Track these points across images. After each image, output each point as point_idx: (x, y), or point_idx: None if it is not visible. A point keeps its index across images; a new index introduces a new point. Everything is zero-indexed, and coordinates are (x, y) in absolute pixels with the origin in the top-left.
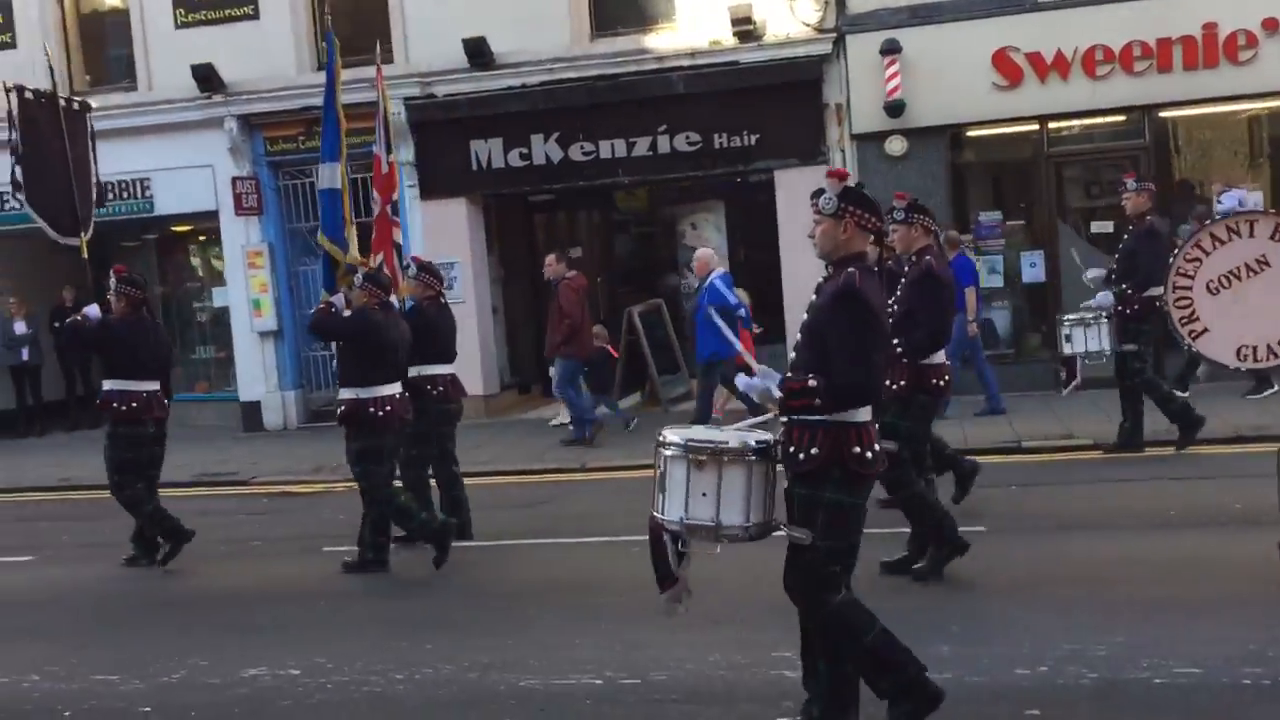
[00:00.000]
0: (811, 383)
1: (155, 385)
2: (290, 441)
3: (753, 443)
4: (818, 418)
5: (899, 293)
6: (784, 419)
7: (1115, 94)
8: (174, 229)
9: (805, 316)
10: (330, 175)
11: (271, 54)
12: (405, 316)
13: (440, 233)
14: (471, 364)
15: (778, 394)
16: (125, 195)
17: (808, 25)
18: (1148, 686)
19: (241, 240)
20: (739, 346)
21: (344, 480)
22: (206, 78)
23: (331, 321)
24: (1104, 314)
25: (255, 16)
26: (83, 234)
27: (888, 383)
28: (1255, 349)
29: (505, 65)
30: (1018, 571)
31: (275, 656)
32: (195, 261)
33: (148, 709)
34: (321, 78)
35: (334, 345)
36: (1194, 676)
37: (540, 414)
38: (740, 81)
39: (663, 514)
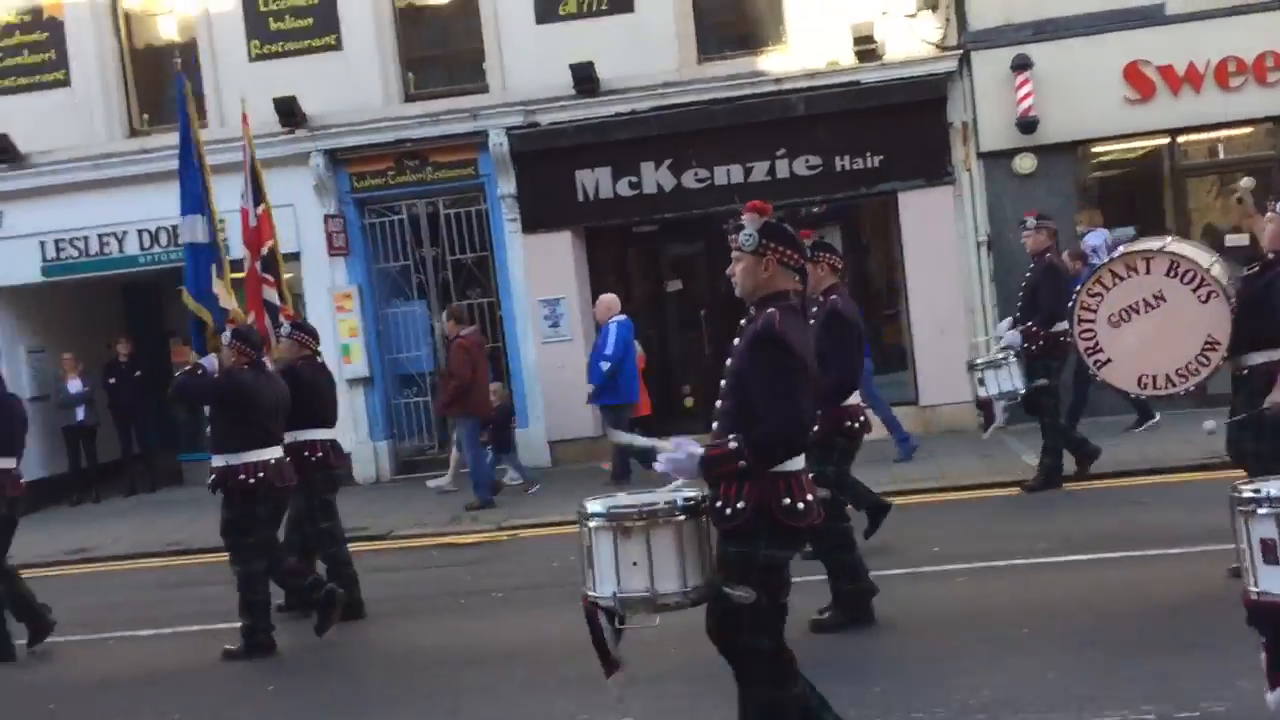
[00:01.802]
0: (732, 444)
1: (11, 463)
2: (392, 493)
3: (680, 501)
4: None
5: None
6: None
7: (1248, 106)
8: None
9: (728, 361)
10: (192, 229)
11: (356, 86)
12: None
13: (543, 268)
14: (578, 405)
15: (693, 468)
16: None
17: (930, 43)
18: None
19: (327, 282)
20: None
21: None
22: (289, 111)
23: (196, 383)
24: (1013, 353)
25: (338, 47)
26: None
27: None
28: (1155, 378)
29: (612, 91)
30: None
31: None
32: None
33: None
34: (411, 109)
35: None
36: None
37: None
38: (861, 102)
39: (595, 591)
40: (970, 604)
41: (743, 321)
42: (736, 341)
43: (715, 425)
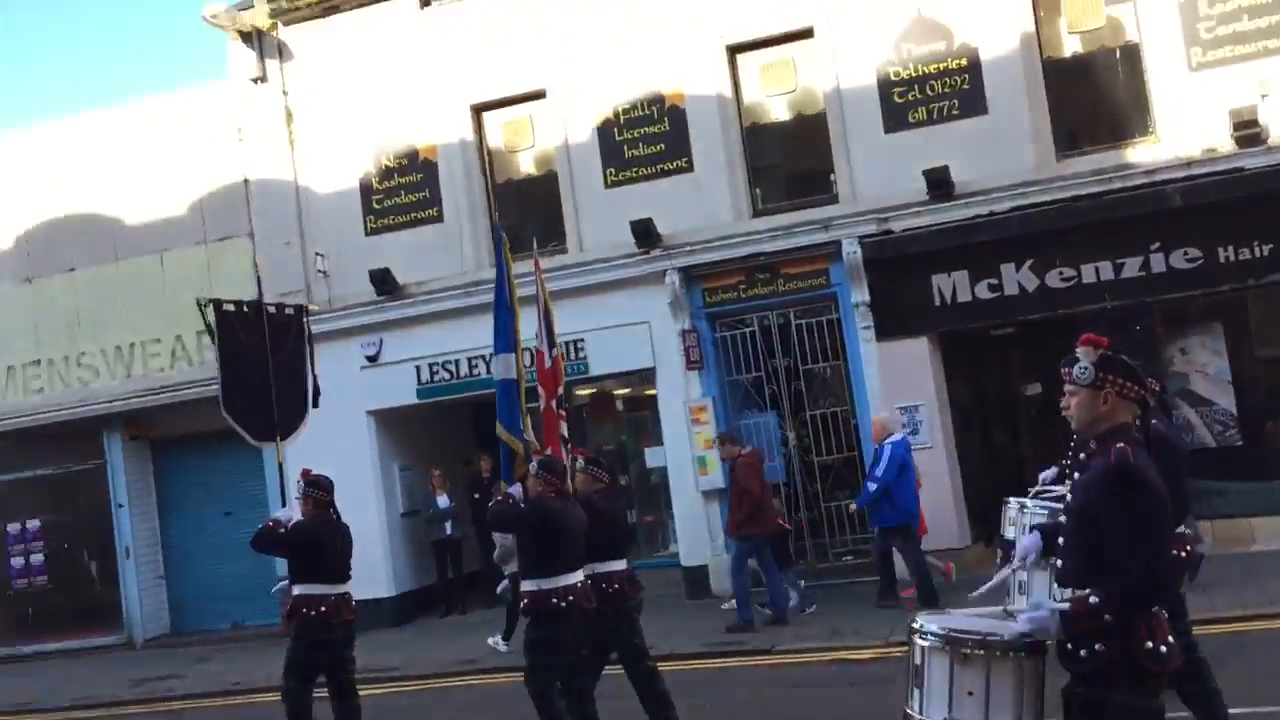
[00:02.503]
0: (1093, 600)
1: (344, 588)
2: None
3: (1024, 636)
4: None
5: None
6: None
7: None
8: (603, 388)
9: (1069, 497)
10: (505, 366)
11: (707, 204)
12: None
13: (898, 375)
14: (944, 515)
15: (1056, 628)
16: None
17: None
18: None
19: (682, 396)
20: None
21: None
22: (645, 233)
23: (510, 511)
24: None
25: (689, 169)
26: (279, 439)
27: None
28: None
29: (967, 194)
30: None
31: None
32: (622, 421)
33: None
34: (762, 224)
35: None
36: None
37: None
38: (1246, 189)
39: (920, 713)
40: None
41: (1081, 455)
42: (1077, 475)
43: (1061, 563)
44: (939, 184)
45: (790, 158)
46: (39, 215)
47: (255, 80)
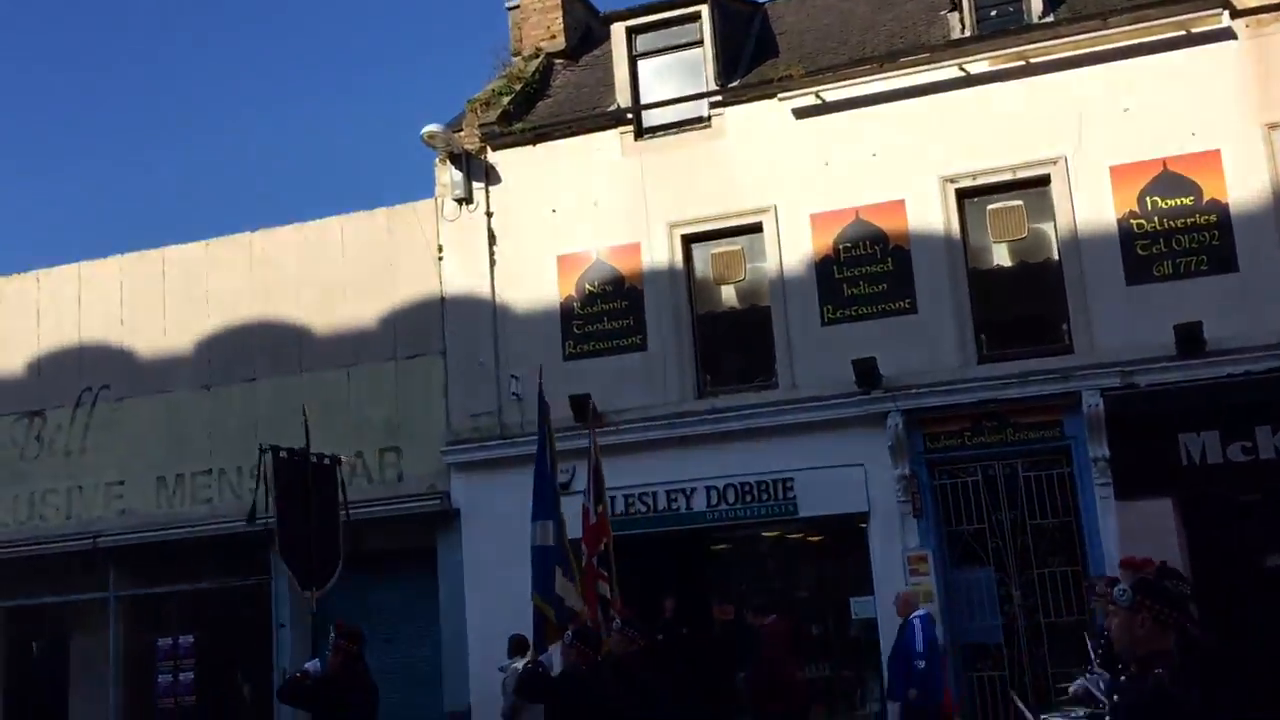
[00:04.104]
0: None
1: None
2: None
3: None
4: None
5: None
6: None
7: None
8: (795, 531)
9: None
10: (542, 533)
11: (932, 348)
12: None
13: (1139, 536)
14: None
15: None
16: (764, 496)
17: None
18: None
19: (896, 544)
20: None
21: None
22: (867, 372)
23: (538, 681)
24: None
25: (913, 310)
26: (314, 589)
27: None
28: None
29: (1219, 351)
30: None
31: None
32: (818, 568)
33: None
34: (989, 370)
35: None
36: None
37: None
38: None
39: None
40: None
41: (1122, 679)
42: (1116, 698)
43: None
44: (1190, 340)
45: (1019, 304)
46: (222, 322)
47: (459, 201)
